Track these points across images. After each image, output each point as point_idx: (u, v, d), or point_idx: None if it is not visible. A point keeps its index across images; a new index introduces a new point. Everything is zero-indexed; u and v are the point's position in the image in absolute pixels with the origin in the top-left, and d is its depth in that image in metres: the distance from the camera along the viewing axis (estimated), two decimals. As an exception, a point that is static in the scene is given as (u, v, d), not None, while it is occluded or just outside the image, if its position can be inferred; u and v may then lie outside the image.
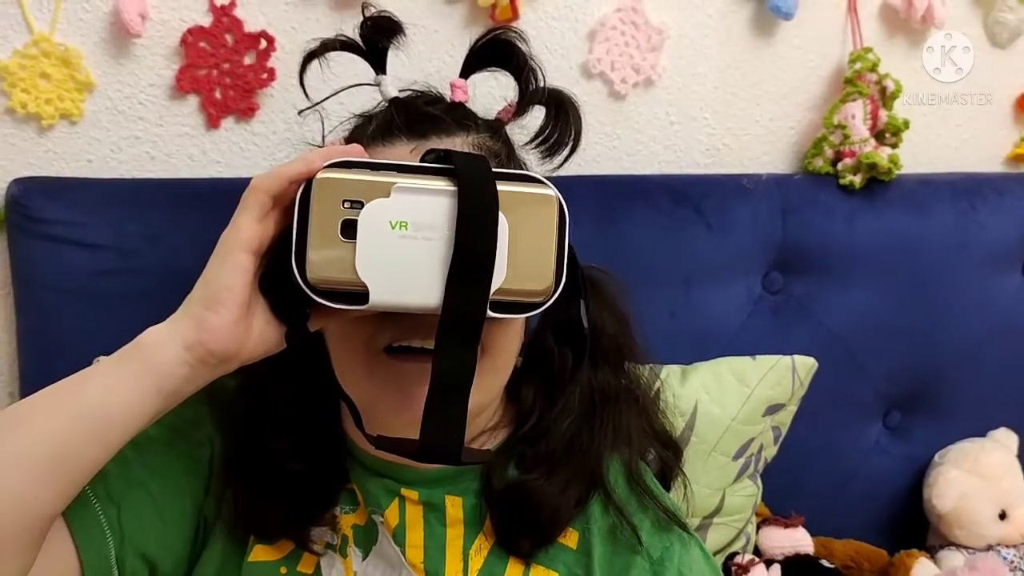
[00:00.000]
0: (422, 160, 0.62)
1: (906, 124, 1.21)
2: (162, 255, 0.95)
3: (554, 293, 0.60)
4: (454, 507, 0.74)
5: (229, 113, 1.02)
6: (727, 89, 1.20)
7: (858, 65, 1.19)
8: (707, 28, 1.17)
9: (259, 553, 0.73)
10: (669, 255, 1.11)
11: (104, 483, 0.67)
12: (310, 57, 0.78)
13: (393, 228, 0.57)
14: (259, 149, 1.03)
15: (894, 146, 1.20)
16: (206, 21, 0.99)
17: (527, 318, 0.73)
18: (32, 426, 0.58)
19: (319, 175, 0.57)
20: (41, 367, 0.95)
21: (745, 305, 1.16)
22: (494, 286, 0.58)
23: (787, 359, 1.03)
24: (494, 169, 0.59)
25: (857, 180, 1.18)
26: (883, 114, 1.21)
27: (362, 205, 0.57)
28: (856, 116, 1.19)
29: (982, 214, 1.24)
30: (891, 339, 1.21)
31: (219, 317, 0.58)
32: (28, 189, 0.95)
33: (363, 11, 0.76)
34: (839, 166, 1.19)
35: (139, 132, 1.00)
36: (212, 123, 1.02)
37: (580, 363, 0.73)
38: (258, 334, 0.61)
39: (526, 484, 0.72)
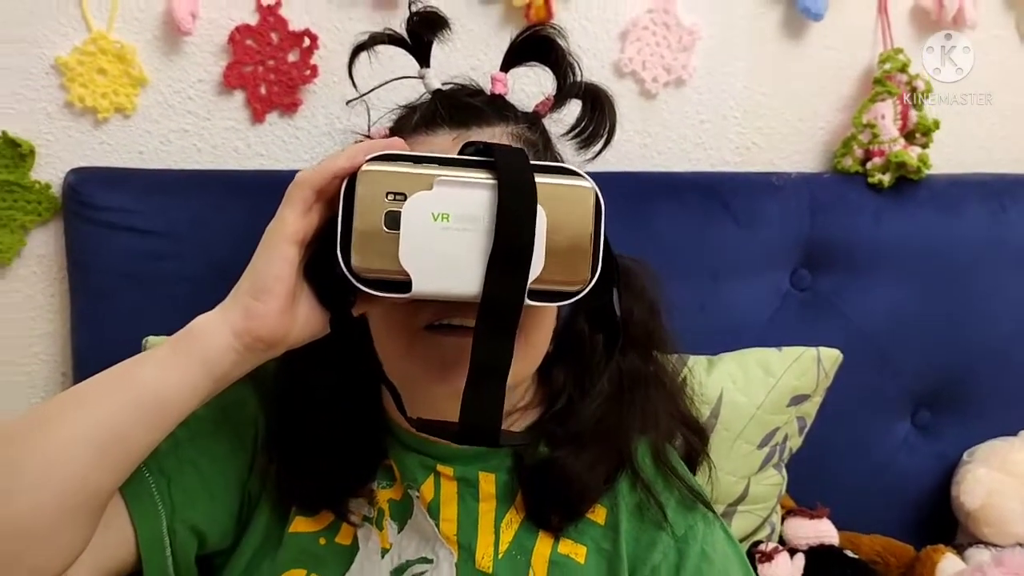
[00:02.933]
0: (462, 152, 0.64)
1: (936, 124, 1.21)
2: (208, 241, 1.00)
3: (589, 283, 0.62)
4: (487, 483, 0.77)
5: (273, 108, 1.06)
6: (757, 89, 1.22)
7: (888, 65, 1.20)
8: (737, 29, 1.19)
9: (300, 524, 0.77)
10: (697, 249, 1.13)
11: (156, 460, 0.70)
12: (359, 49, 0.81)
13: (435, 220, 0.59)
14: (301, 143, 1.07)
15: (924, 146, 1.21)
16: (253, 20, 1.03)
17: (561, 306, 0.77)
18: (90, 409, 0.61)
19: (364, 168, 0.59)
20: (94, 347, 1.00)
21: (773, 300, 1.17)
22: (532, 275, 0.59)
23: (812, 350, 1.05)
24: (533, 162, 0.61)
25: (886, 179, 1.19)
26: (913, 114, 1.21)
27: (405, 197, 0.59)
28: (886, 116, 1.20)
29: (1013, 214, 1.24)
30: (920, 338, 1.21)
31: (266, 306, 0.61)
32: (84, 178, 1.00)
33: (410, 6, 0.79)
34: (868, 165, 1.20)
35: (188, 125, 1.05)
36: (257, 117, 1.06)
37: (612, 350, 0.74)
38: (303, 320, 0.63)
39: (556, 461, 0.74)
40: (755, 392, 1.01)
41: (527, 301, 0.60)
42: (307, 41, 1.05)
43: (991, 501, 1.17)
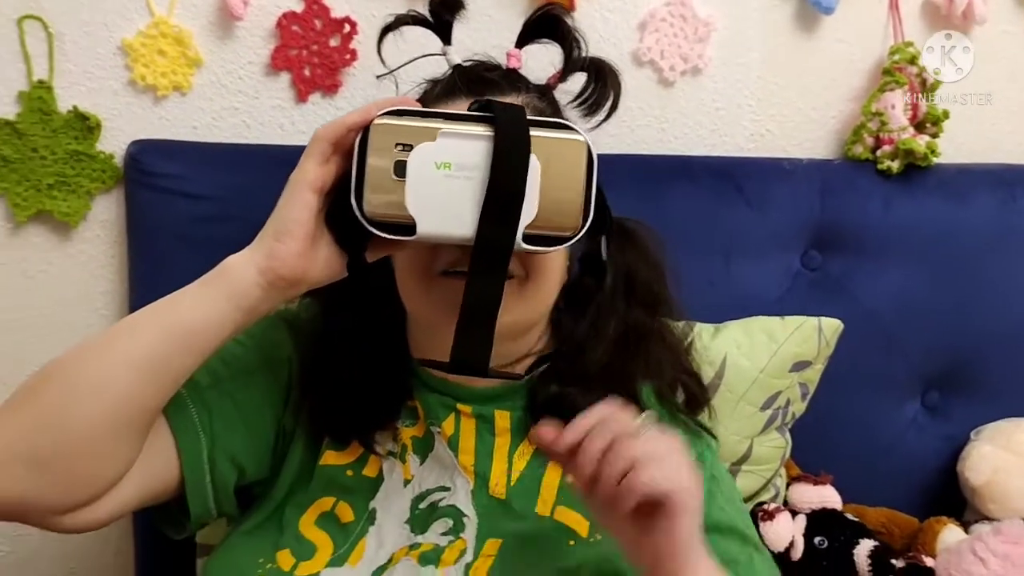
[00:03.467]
0: (468, 110, 0.70)
1: (945, 114, 1.25)
2: (254, 208, 1.04)
3: (581, 230, 0.67)
4: (503, 419, 0.84)
5: (316, 89, 1.14)
6: (771, 79, 1.27)
7: (897, 57, 1.25)
8: (751, 21, 1.24)
9: (329, 458, 0.84)
10: (708, 227, 1.19)
11: (199, 392, 0.78)
12: (387, 29, 0.90)
13: (438, 168, 0.65)
14: None
15: (934, 136, 1.25)
16: (298, 7, 1.11)
17: (566, 254, 0.83)
18: (135, 336, 0.70)
19: (375, 120, 0.66)
20: (149, 301, 1.08)
21: (783, 280, 1.22)
22: (526, 221, 0.65)
23: (814, 320, 1.10)
24: (530, 117, 0.67)
25: (895, 166, 1.23)
26: (923, 104, 1.26)
27: (411, 148, 0.65)
28: (896, 106, 1.24)
29: (1023, 204, 1.28)
30: (928, 321, 1.25)
31: (286, 247, 0.68)
32: (144, 149, 1.09)
33: None
34: (878, 152, 1.24)
35: (238, 103, 1.13)
36: (301, 97, 1.14)
37: (600, 289, 0.80)
38: (323, 262, 0.71)
39: (565, 396, 0.81)
40: (758, 356, 1.06)
41: (523, 245, 0.66)
42: (347, 27, 1.12)
43: (996, 478, 1.20)
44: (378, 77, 0.94)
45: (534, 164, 0.65)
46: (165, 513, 0.81)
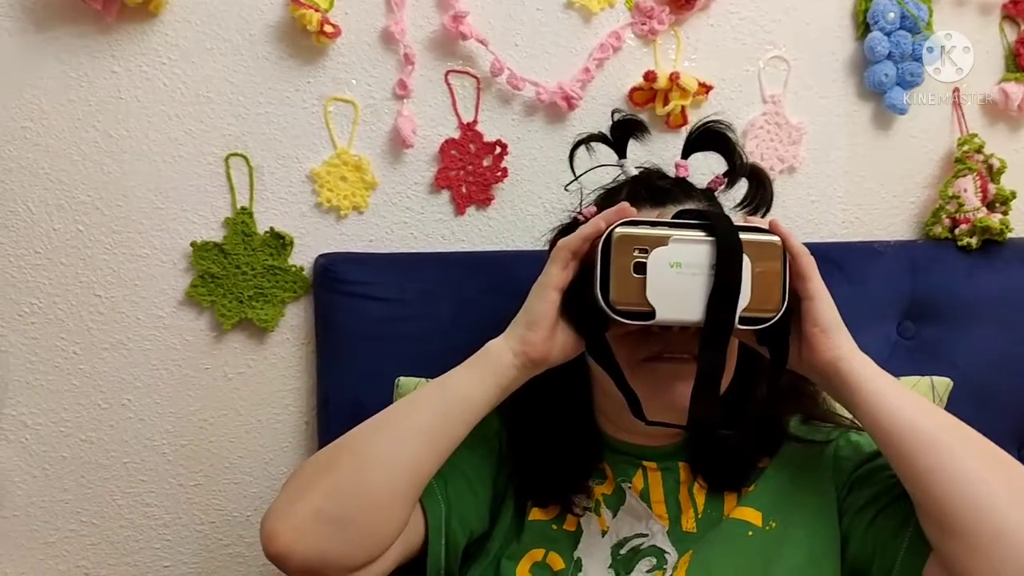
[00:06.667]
0: (675, 217, 0.84)
1: (1013, 194, 1.40)
2: (429, 305, 1.22)
3: (780, 311, 0.81)
4: (684, 470, 0.97)
5: (472, 203, 1.30)
6: (856, 172, 1.42)
7: (966, 147, 1.41)
8: (836, 125, 1.40)
9: (536, 514, 0.96)
10: None
11: None
12: (578, 144, 1.04)
13: (671, 267, 0.78)
14: (493, 230, 1.31)
15: (1005, 213, 1.39)
16: (456, 134, 1.28)
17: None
18: (418, 410, 0.84)
19: (617, 231, 0.78)
20: (339, 394, 1.22)
21: (884, 348, 1.34)
22: (741, 306, 0.79)
23: (927, 378, 1.22)
24: (736, 223, 0.81)
25: (973, 242, 1.37)
26: (991, 187, 1.41)
27: (648, 251, 0.78)
28: (968, 190, 1.40)
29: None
30: (1020, 377, 1.36)
31: (536, 335, 0.83)
32: (330, 260, 1.24)
33: (613, 115, 1.03)
34: (956, 231, 1.38)
35: (407, 219, 1.29)
36: (459, 211, 1.29)
37: (782, 362, 0.87)
38: (560, 345, 0.85)
39: (728, 445, 0.94)
40: (884, 413, 1.18)
41: (739, 326, 0.79)
42: (498, 149, 1.28)
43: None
44: (566, 187, 1.09)
45: (745, 262, 0.79)
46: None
